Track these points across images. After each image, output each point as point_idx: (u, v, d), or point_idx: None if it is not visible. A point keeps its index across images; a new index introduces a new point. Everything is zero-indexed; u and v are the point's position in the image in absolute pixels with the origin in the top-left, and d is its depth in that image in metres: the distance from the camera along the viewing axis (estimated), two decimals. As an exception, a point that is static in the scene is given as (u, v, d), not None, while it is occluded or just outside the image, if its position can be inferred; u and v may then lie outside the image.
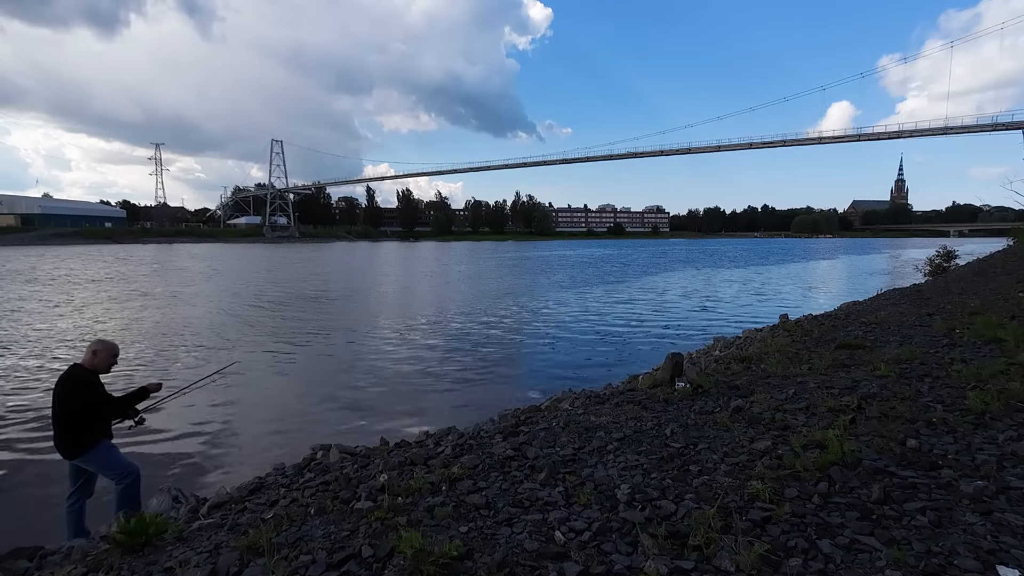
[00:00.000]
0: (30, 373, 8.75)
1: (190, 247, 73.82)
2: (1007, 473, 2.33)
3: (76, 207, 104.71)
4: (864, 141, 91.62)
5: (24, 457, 5.31)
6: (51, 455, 3.74)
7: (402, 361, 9.81)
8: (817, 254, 58.50)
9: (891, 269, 33.09)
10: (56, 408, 3.58)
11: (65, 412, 3.56)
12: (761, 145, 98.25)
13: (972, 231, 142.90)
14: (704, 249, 74.81)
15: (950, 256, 19.14)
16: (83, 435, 3.58)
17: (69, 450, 3.58)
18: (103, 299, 18.13)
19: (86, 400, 3.59)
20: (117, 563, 2.28)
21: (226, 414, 6.91)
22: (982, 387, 3.53)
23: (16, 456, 5.35)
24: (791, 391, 3.87)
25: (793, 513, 2.09)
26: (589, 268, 32.56)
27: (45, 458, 3.86)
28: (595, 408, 3.96)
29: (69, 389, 3.58)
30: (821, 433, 2.83)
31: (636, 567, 1.79)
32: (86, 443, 3.59)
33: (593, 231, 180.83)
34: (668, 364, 4.51)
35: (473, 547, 2.00)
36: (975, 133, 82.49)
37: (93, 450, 3.62)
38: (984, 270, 14.35)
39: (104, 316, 14.69)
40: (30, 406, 6.99)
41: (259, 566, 2.02)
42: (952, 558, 1.75)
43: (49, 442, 3.73)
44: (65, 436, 3.57)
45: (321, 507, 2.57)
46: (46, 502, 4.45)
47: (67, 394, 3.57)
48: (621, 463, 2.73)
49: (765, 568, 1.74)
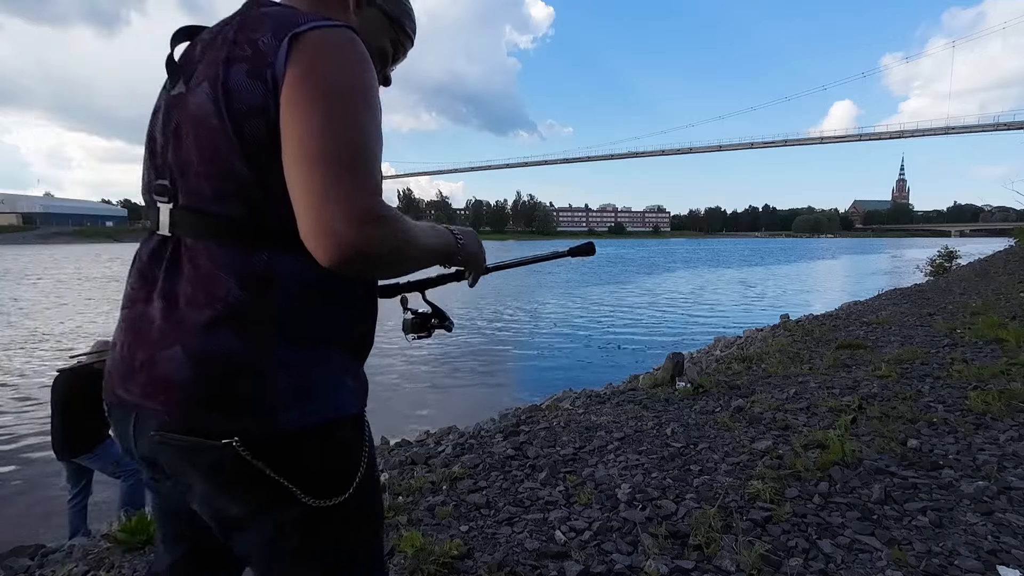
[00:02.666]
0: (25, 371, 8.78)
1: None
2: (1008, 473, 2.33)
3: (78, 206, 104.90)
4: (865, 141, 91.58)
5: (24, 456, 5.33)
6: (50, 453, 3.75)
7: (402, 360, 9.81)
8: (818, 254, 58.47)
9: (892, 269, 33.05)
10: (62, 406, 3.60)
11: (74, 409, 3.60)
12: (762, 145, 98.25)
13: (974, 231, 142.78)
14: (705, 249, 74.80)
15: (951, 256, 19.08)
16: (91, 433, 3.62)
17: (74, 448, 3.60)
18: (101, 298, 18.16)
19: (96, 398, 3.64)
20: (118, 561, 2.28)
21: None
22: (983, 387, 3.53)
23: (16, 455, 5.36)
24: (792, 391, 3.87)
25: (794, 513, 2.09)
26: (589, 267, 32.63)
27: (45, 456, 3.86)
28: (596, 408, 3.96)
29: (81, 387, 3.62)
30: (822, 433, 2.83)
31: (636, 566, 1.80)
32: (93, 440, 3.64)
33: (594, 231, 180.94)
34: (669, 364, 4.51)
35: (474, 546, 2.00)
36: (977, 133, 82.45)
37: (100, 447, 3.66)
38: (986, 270, 14.33)
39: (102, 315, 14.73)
40: (29, 405, 7.00)
41: (260, 565, 2.03)
42: (953, 558, 1.75)
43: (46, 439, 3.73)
44: (71, 434, 3.59)
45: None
46: (47, 501, 4.46)
47: (77, 392, 3.61)
48: (622, 463, 2.73)
49: (766, 568, 1.74)
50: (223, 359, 0.70)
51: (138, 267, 0.81)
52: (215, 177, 0.72)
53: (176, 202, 0.76)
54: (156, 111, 0.82)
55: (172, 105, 0.78)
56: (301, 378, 0.73)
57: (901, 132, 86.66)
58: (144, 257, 0.80)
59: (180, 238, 0.75)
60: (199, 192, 0.74)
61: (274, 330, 0.73)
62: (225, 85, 0.71)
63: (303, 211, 0.67)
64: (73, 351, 10.03)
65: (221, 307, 0.71)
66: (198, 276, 0.73)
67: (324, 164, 0.66)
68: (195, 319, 0.71)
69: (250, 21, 0.75)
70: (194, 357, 0.70)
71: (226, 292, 0.71)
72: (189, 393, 0.70)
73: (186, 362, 0.70)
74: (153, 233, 0.80)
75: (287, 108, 0.68)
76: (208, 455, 0.70)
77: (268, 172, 0.71)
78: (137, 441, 0.77)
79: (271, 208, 0.72)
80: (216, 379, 0.70)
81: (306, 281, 0.75)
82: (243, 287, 0.71)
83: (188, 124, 0.74)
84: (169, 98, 0.79)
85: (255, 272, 0.72)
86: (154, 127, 0.81)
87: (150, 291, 0.76)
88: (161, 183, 0.77)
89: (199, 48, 0.79)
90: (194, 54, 0.79)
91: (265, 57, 0.70)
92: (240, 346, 0.71)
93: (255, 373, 0.71)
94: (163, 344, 0.72)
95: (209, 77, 0.73)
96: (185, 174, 0.74)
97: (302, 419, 0.73)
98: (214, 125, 0.71)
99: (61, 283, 23.28)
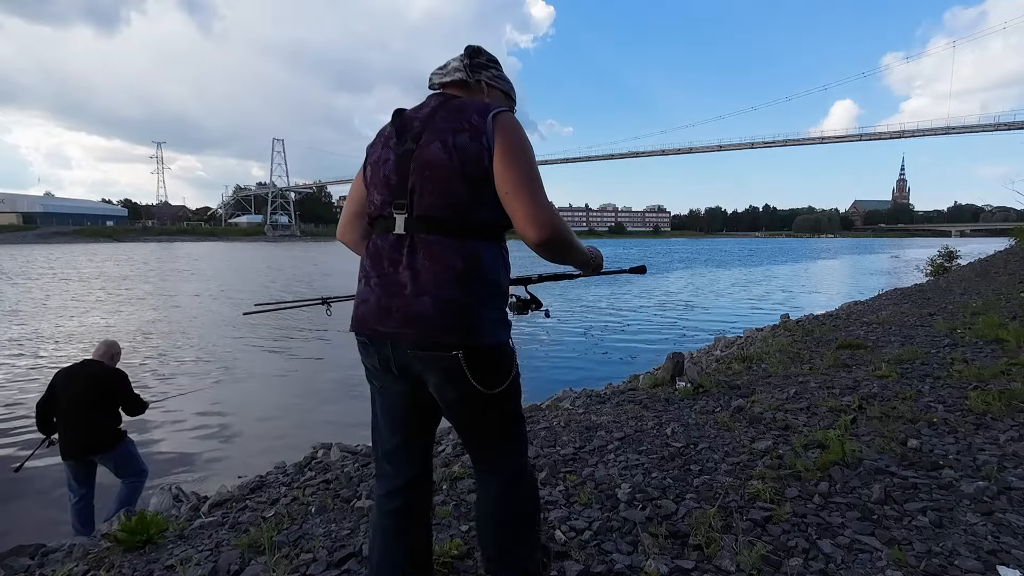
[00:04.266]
0: (22, 370, 8.77)
1: (191, 246, 73.87)
2: (1008, 474, 2.33)
3: (78, 205, 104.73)
4: (866, 141, 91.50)
5: (22, 455, 5.32)
6: (49, 452, 3.74)
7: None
8: (818, 254, 58.43)
9: (892, 269, 33.04)
10: (91, 402, 3.63)
11: (107, 406, 3.69)
12: (763, 145, 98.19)
13: (974, 231, 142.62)
14: (705, 248, 74.74)
15: (952, 256, 19.06)
16: (115, 430, 3.73)
17: (100, 445, 3.65)
18: (117, 298, 18.16)
19: (123, 395, 3.77)
20: (119, 561, 2.28)
21: (227, 413, 6.91)
22: (984, 387, 3.53)
23: (16, 454, 5.36)
24: (792, 391, 3.87)
25: (794, 513, 2.09)
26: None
27: (45, 456, 3.86)
28: (596, 407, 3.96)
29: (113, 383, 3.74)
30: (822, 433, 2.83)
31: (637, 566, 1.79)
32: (117, 438, 3.72)
33: (594, 230, 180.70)
34: (669, 364, 4.51)
35: (474, 546, 1.99)
36: (978, 133, 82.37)
37: (121, 444, 3.74)
38: (986, 270, 14.32)
39: (107, 314, 14.73)
40: (27, 404, 7.00)
41: (260, 564, 2.03)
42: (953, 558, 1.75)
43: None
44: (98, 431, 3.65)
45: (322, 505, 2.57)
46: (47, 500, 4.46)
47: (111, 388, 3.71)
48: (622, 462, 2.73)
49: (766, 568, 1.74)
50: (454, 303, 1.18)
51: (380, 253, 1.28)
52: (442, 196, 1.21)
53: (411, 214, 1.23)
54: (386, 160, 1.30)
55: (406, 155, 1.26)
56: (493, 317, 1.24)
57: (901, 132, 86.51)
58: (386, 247, 1.27)
59: (414, 235, 1.22)
60: (430, 206, 1.22)
61: (481, 287, 1.22)
62: (455, 144, 1.20)
63: (521, 214, 1.19)
64: (65, 349, 10.03)
65: (451, 273, 1.19)
66: (433, 256, 1.20)
67: (529, 187, 1.19)
68: (436, 280, 1.19)
69: (456, 107, 1.26)
70: (437, 303, 1.18)
71: (453, 264, 1.20)
72: (434, 324, 1.18)
73: (432, 305, 1.18)
74: (389, 232, 1.26)
75: (502, 158, 1.19)
76: (443, 362, 1.20)
77: (478, 193, 1.21)
78: (394, 356, 1.25)
79: (473, 215, 1.22)
80: (448, 316, 1.18)
81: (493, 258, 1.26)
82: (462, 261, 1.20)
83: (425, 167, 1.22)
84: (401, 151, 1.27)
85: (468, 252, 1.21)
86: (386, 169, 1.29)
87: (396, 266, 1.23)
88: (400, 202, 1.25)
89: (416, 122, 1.28)
90: (413, 125, 1.28)
91: (478, 129, 1.21)
92: (463, 296, 1.19)
93: (472, 312, 1.20)
94: (415, 295, 1.19)
95: (440, 139, 1.22)
96: (420, 196, 1.22)
97: (491, 341, 1.23)
98: (446, 167, 1.20)
99: (57, 282, 23.28)
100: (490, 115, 1.22)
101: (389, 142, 1.31)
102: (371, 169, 1.33)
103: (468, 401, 1.27)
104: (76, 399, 3.58)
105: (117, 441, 3.70)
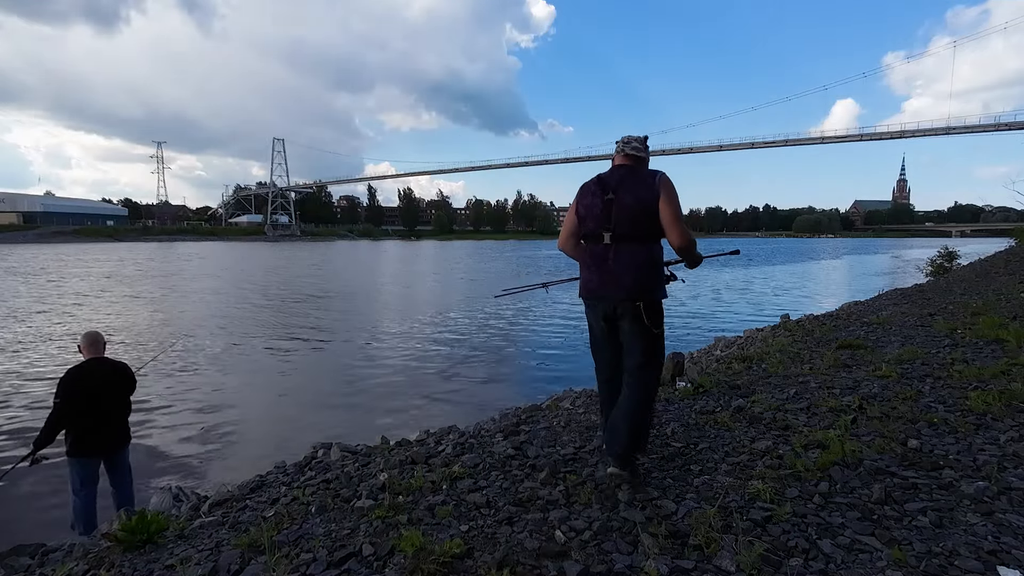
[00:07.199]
0: (22, 370, 8.77)
1: (192, 245, 73.85)
2: (1008, 474, 2.33)
3: (78, 205, 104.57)
4: (866, 141, 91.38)
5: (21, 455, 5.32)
6: (50, 452, 3.74)
7: (403, 360, 9.81)
8: (819, 254, 58.40)
9: (893, 269, 33.04)
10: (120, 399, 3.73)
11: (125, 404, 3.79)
12: (763, 145, 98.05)
13: (974, 231, 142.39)
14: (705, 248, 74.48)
15: (952, 256, 19.05)
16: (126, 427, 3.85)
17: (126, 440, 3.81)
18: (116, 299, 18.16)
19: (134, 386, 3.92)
20: (119, 560, 2.29)
21: (227, 412, 6.92)
22: (984, 387, 3.53)
23: (15, 454, 5.36)
24: (792, 391, 3.87)
25: (794, 513, 2.08)
26: (590, 267, 32.50)
27: (45, 456, 3.86)
28: (596, 407, 3.95)
29: (133, 376, 3.85)
30: (822, 433, 2.83)
31: (636, 566, 1.79)
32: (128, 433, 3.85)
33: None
34: (669, 364, 4.50)
35: (474, 546, 2.00)
36: (978, 133, 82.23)
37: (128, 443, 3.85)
38: (986, 270, 14.32)
39: (112, 313, 14.73)
40: (27, 403, 7.01)
41: (260, 564, 2.03)
42: (953, 559, 1.75)
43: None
44: (122, 428, 3.77)
45: (322, 505, 2.57)
46: (47, 499, 4.47)
47: (133, 380, 3.84)
48: (622, 462, 2.72)
49: (766, 568, 1.74)
50: (644, 279, 2.38)
51: (595, 253, 2.46)
52: (634, 224, 2.39)
53: (613, 233, 2.41)
54: (594, 206, 2.45)
55: (609, 203, 2.41)
56: (661, 285, 2.47)
57: (902, 132, 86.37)
58: (599, 250, 2.45)
59: (615, 244, 2.41)
60: (626, 229, 2.39)
61: (656, 269, 2.44)
62: (642, 195, 2.37)
63: (674, 234, 2.37)
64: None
65: (641, 263, 2.39)
66: (630, 252, 2.39)
67: (678, 221, 2.37)
68: (634, 267, 2.38)
69: (640, 175, 2.43)
70: (636, 280, 2.37)
71: (643, 259, 2.39)
72: (633, 290, 2.37)
73: (633, 281, 2.37)
74: (600, 243, 2.45)
75: (664, 205, 2.35)
76: (633, 309, 2.37)
77: (652, 221, 2.37)
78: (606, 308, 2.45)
79: (650, 232, 2.39)
80: (641, 284, 2.37)
81: (658, 253, 2.46)
82: (648, 255, 2.40)
83: (624, 209, 2.38)
84: (605, 200, 2.42)
85: (650, 251, 2.41)
86: (596, 208, 2.45)
87: (605, 260, 2.42)
88: (607, 226, 2.41)
89: (613, 182, 2.45)
90: (611, 183, 2.45)
91: (653, 187, 2.37)
92: (650, 274, 2.40)
93: (654, 282, 2.42)
94: (623, 275, 2.38)
95: (634, 192, 2.38)
96: (619, 225, 2.40)
97: (659, 297, 2.44)
98: (638, 209, 2.37)
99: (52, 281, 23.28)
100: (657, 177, 2.38)
101: (596, 193, 2.46)
102: (584, 209, 2.49)
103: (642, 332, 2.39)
104: (117, 396, 3.71)
105: (128, 435, 3.86)
